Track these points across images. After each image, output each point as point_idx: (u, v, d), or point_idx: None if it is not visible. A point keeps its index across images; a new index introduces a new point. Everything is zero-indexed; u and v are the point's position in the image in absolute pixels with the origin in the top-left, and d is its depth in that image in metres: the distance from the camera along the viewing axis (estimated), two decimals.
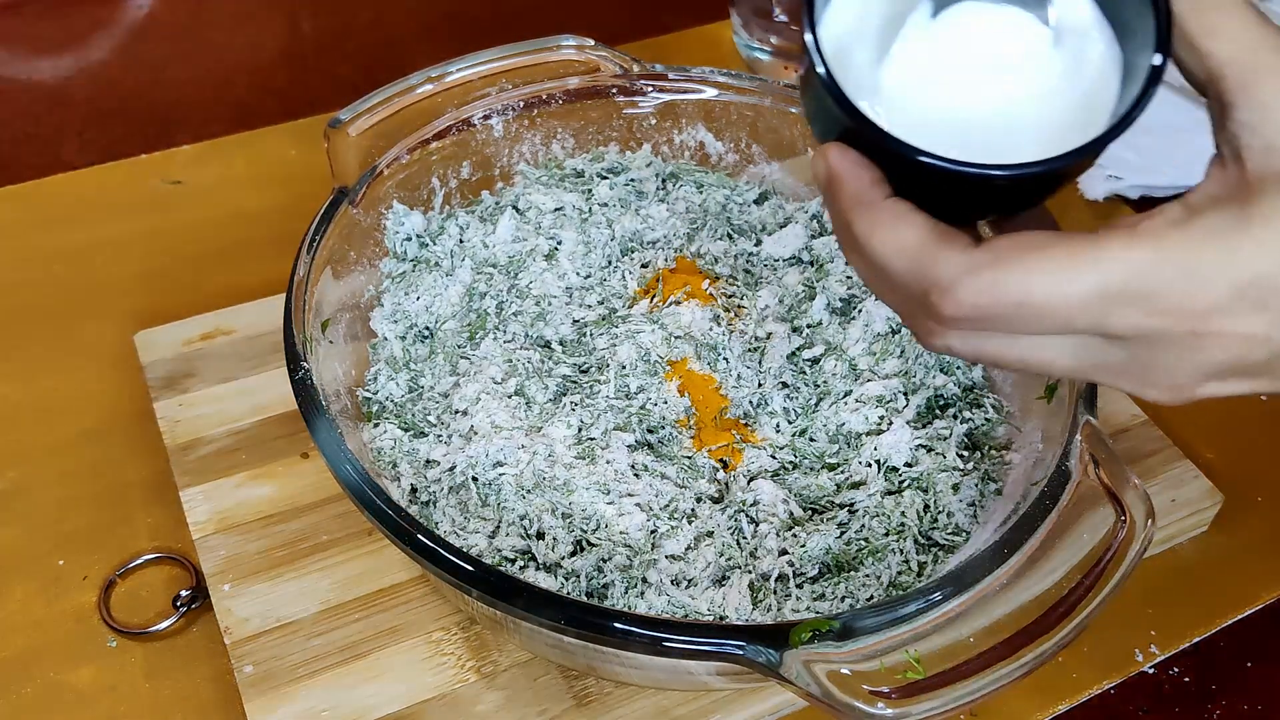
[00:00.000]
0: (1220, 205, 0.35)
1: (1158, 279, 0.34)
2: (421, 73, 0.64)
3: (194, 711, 0.55)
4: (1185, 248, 0.34)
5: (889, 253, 0.37)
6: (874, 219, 0.38)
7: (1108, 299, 0.34)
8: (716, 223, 0.68)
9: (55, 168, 0.84)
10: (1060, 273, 0.34)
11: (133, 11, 1.01)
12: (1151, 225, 0.35)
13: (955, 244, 0.36)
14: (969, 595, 0.44)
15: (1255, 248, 0.34)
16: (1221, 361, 0.36)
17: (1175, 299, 0.34)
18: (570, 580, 0.51)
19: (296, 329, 0.53)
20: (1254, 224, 0.34)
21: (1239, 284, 0.34)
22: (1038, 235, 0.35)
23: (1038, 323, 0.35)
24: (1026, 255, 0.35)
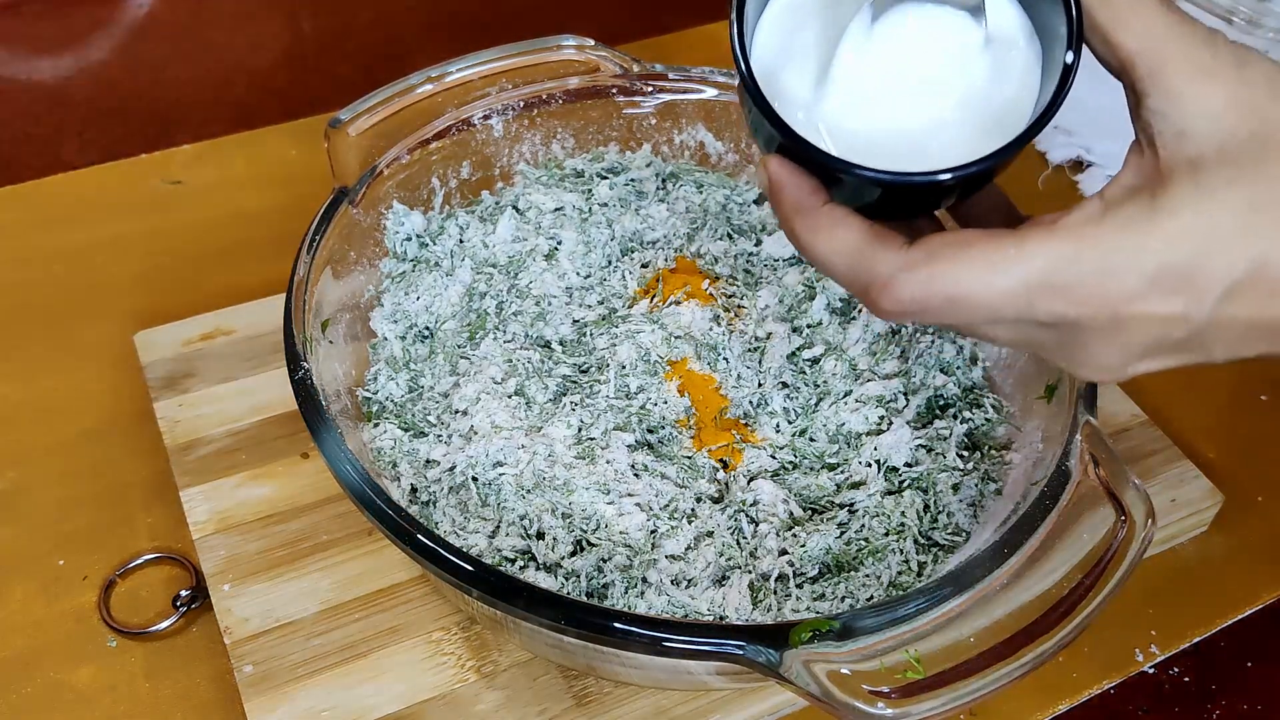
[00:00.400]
0: (1134, 197, 0.37)
1: (1076, 271, 0.37)
2: (421, 73, 0.64)
3: (194, 711, 0.55)
4: (1099, 242, 0.37)
5: (829, 254, 0.41)
6: (814, 225, 0.41)
7: (1031, 291, 0.37)
8: (716, 223, 0.68)
9: (55, 168, 0.84)
10: (986, 268, 0.37)
11: (133, 11, 1.01)
12: (1070, 221, 0.37)
13: (890, 244, 0.39)
14: (969, 595, 0.44)
15: (1164, 240, 0.36)
16: (1145, 342, 0.38)
17: (1093, 289, 0.37)
18: (570, 580, 0.51)
19: (296, 329, 0.53)
20: (1162, 217, 0.36)
21: (1150, 273, 0.36)
22: (967, 233, 0.38)
23: (969, 313, 0.38)
24: (956, 253, 0.38)
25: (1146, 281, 0.36)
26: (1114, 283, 0.37)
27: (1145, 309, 0.37)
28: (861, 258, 0.40)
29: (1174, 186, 0.36)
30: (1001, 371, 0.61)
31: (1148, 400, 0.68)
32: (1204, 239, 0.36)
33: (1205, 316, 0.37)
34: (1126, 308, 0.37)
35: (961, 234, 0.38)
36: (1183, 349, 0.38)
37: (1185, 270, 0.36)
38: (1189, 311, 0.37)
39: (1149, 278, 0.36)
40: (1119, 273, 0.36)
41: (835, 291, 0.63)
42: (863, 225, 0.40)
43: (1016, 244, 0.37)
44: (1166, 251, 0.36)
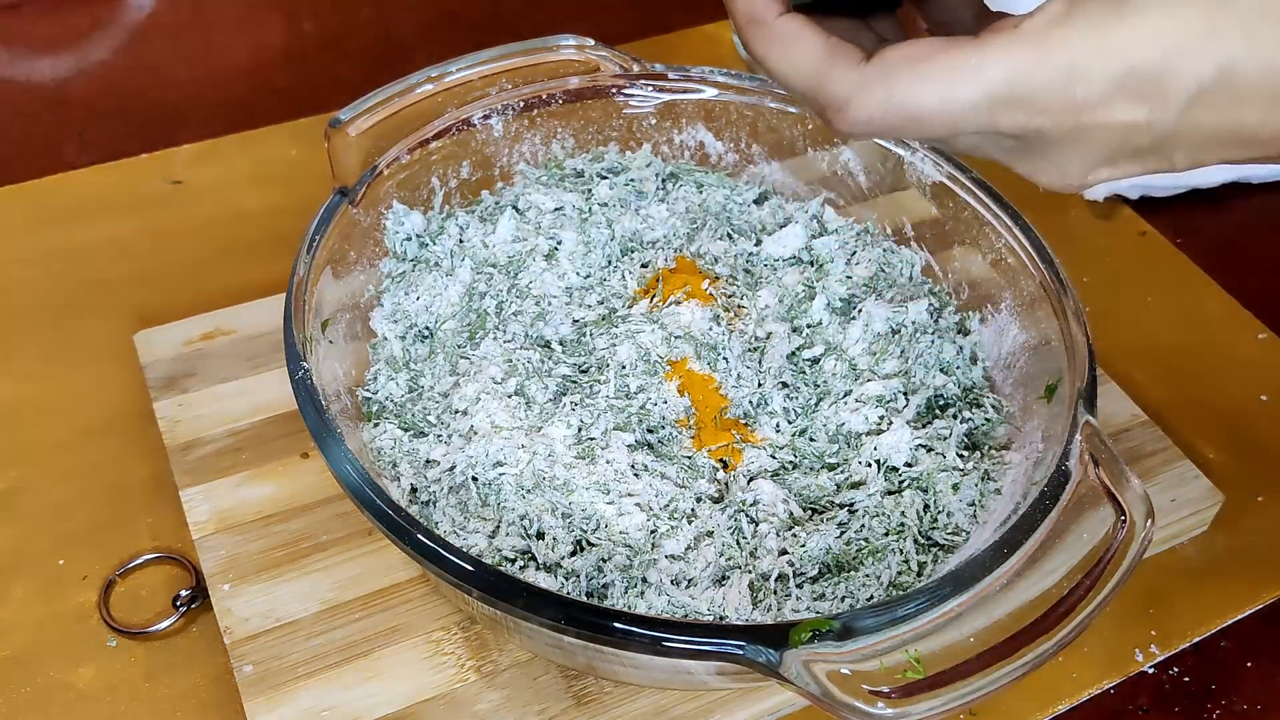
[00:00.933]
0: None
1: (1038, 80, 0.35)
2: (421, 73, 0.64)
3: (194, 711, 0.55)
4: (1063, 45, 0.35)
5: (785, 71, 0.39)
6: (767, 38, 0.39)
7: (993, 104, 0.36)
8: (716, 223, 0.68)
9: (55, 168, 0.84)
10: (945, 83, 0.36)
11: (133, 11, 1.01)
12: (1033, 24, 0.36)
13: (846, 61, 0.38)
14: (969, 595, 0.44)
15: (1130, 39, 0.35)
16: (1107, 150, 0.37)
17: (1056, 97, 0.36)
18: (570, 580, 0.51)
19: (296, 329, 0.53)
20: (1130, 15, 0.35)
21: (1116, 76, 0.35)
22: (924, 44, 0.37)
23: (929, 129, 0.37)
24: (913, 67, 0.37)
25: (1112, 86, 0.35)
26: (1078, 87, 0.35)
27: (1109, 116, 0.36)
28: (817, 76, 0.39)
29: None
30: (1001, 371, 0.61)
31: (1148, 400, 0.68)
32: (1172, 41, 0.35)
33: (1170, 124, 0.36)
34: (1090, 115, 0.36)
35: (918, 45, 0.37)
36: (1145, 155, 0.37)
37: (1152, 74, 0.35)
38: (1154, 119, 0.36)
39: (1115, 82, 0.35)
40: (1083, 76, 0.35)
41: (835, 291, 0.64)
42: (818, 41, 0.39)
43: (976, 53, 0.36)
44: (1133, 54, 0.35)
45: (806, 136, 0.69)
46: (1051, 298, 0.57)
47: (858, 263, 0.66)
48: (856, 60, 0.38)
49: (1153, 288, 0.77)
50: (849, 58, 0.38)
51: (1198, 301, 0.76)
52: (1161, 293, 0.76)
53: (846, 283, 0.64)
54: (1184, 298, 0.76)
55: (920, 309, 0.62)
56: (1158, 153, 0.37)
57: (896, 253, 0.67)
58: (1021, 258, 0.59)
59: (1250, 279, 0.78)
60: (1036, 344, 0.58)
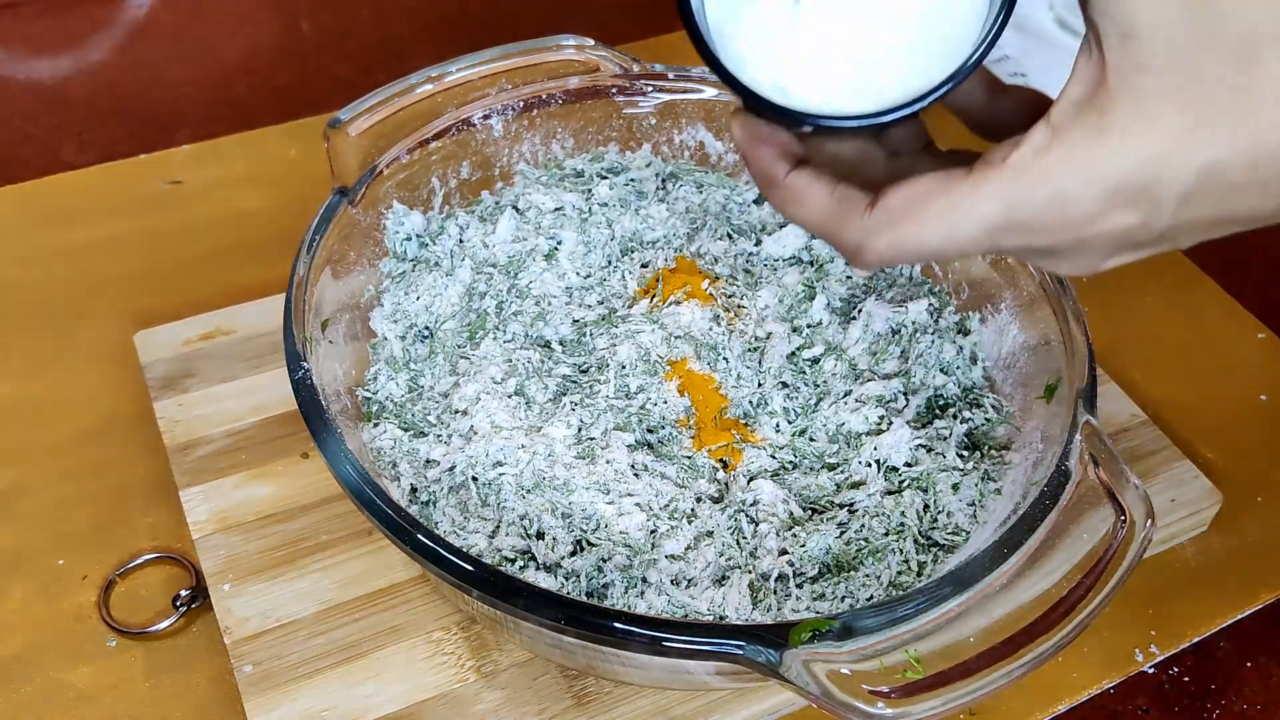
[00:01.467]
0: (1081, 116, 0.37)
1: (1031, 208, 0.38)
2: (421, 73, 0.64)
3: (194, 711, 0.55)
4: (1050, 174, 0.37)
5: (802, 221, 0.43)
6: (782, 197, 0.43)
7: (992, 233, 0.38)
8: (716, 223, 0.68)
9: (55, 168, 0.84)
10: (946, 221, 0.39)
11: (132, 12, 1.01)
12: (1019, 157, 0.38)
13: (853, 210, 0.41)
14: (969, 595, 0.44)
15: (1114, 160, 0.36)
16: (1113, 248, 0.39)
17: (1052, 220, 0.38)
18: (570, 580, 0.51)
19: (296, 329, 0.53)
20: (1110, 135, 0.36)
21: (1105, 193, 0.37)
22: (922, 186, 0.39)
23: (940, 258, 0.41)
24: (915, 211, 0.39)
25: (1103, 202, 0.37)
26: (1070, 210, 0.37)
27: (1106, 226, 0.38)
28: (829, 227, 0.42)
29: (1120, 100, 0.36)
30: (1001, 371, 0.61)
31: (1147, 400, 0.68)
32: (1153, 153, 0.36)
33: (1166, 222, 0.37)
34: (1088, 228, 0.38)
35: (917, 185, 0.39)
36: (1150, 246, 0.39)
37: (1139, 185, 0.36)
38: (1149, 221, 0.37)
39: (1104, 198, 0.37)
40: (1073, 199, 0.37)
41: (835, 291, 0.64)
42: (825, 194, 0.42)
43: (971, 192, 0.38)
44: (1117, 171, 0.36)
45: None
46: (1051, 298, 0.57)
47: None
48: (862, 208, 0.41)
49: (1152, 287, 0.77)
50: (855, 207, 0.41)
51: (1197, 301, 0.76)
52: (1161, 292, 0.76)
53: (846, 283, 0.64)
54: (1184, 298, 0.76)
55: (920, 309, 0.62)
56: (1161, 243, 0.39)
57: None
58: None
59: (1250, 279, 0.78)
60: (1036, 344, 0.58)
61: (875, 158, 0.45)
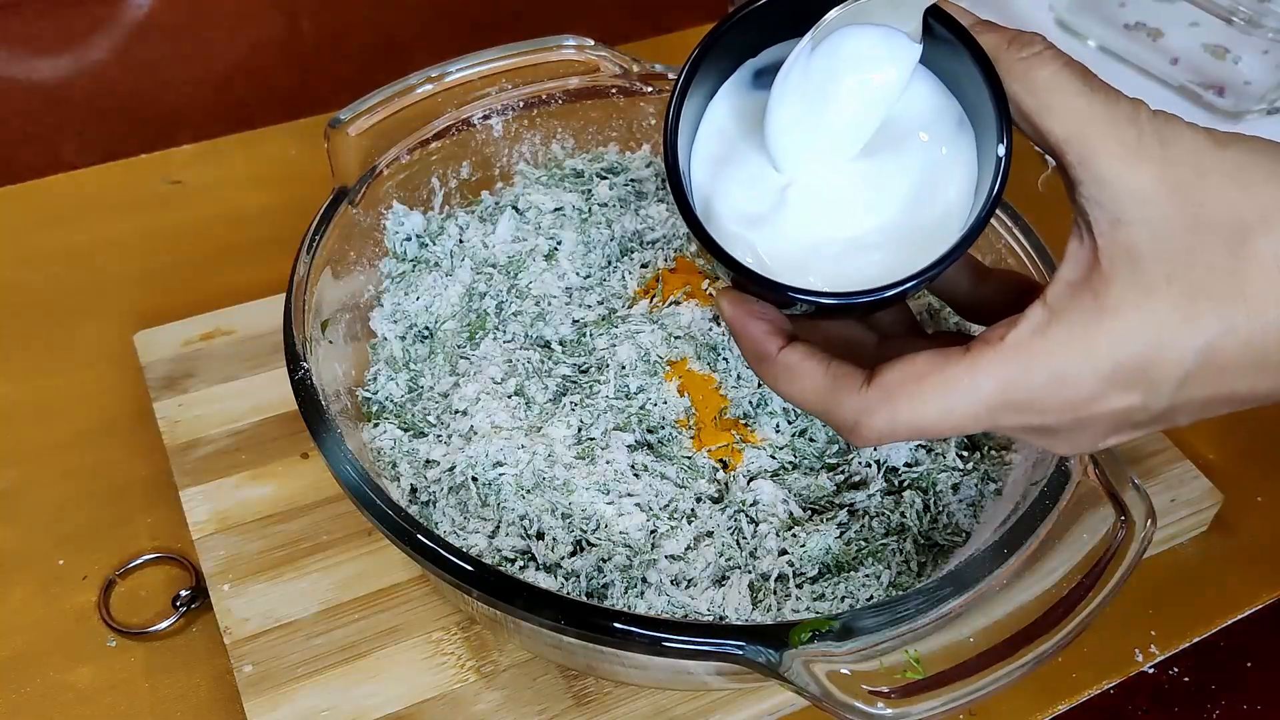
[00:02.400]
0: (1077, 299, 0.37)
1: (1029, 388, 0.38)
2: (421, 73, 0.64)
3: (194, 711, 0.55)
4: (1048, 354, 0.37)
5: (795, 398, 0.42)
6: (775, 373, 0.42)
7: (991, 411, 0.38)
8: None
9: (55, 168, 0.84)
10: (942, 400, 0.38)
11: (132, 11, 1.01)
12: (1017, 336, 0.38)
13: (848, 388, 0.40)
14: (969, 595, 0.44)
15: (1111, 341, 0.36)
16: (1111, 428, 0.39)
17: (1050, 400, 0.38)
18: (570, 580, 0.51)
19: (296, 329, 0.53)
20: (1106, 317, 0.36)
21: (1103, 375, 0.37)
22: (919, 364, 0.39)
23: (936, 436, 0.40)
24: (911, 389, 0.39)
25: (1101, 383, 0.37)
26: (1069, 390, 0.37)
27: (1105, 408, 0.38)
28: (825, 402, 0.41)
29: (1115, 283, 0.37)
30: None
31: None
32: (1151, 337, 0.36)
33: (1165, 403, 0.38)
34: (1087, 409, 0.38)
35: (914, 363, 0.39)
36: (1148, 425, 0.39)
37: (1137, 367, 0.37)
38: (1148, 403, 0.37)
39: (1103, 380, 0.37)
40: (1072, 380, 0.37)
41: None
42: (820, 371, 0.41)
43: (968, 370, 0.38)
44: (1116, 353, 0.37)
45: None
46: None
47: None
48: (857, 385, 0.40)
49: None
50: (850, 384, 0.40)
51: None
52: None
53: None
54: None
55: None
56: (1160, 422, 0.39)
57: None
58: (1021, 258, 0.59)
59: None
60: None
61: (865, 340, 0.46)
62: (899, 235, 0.41)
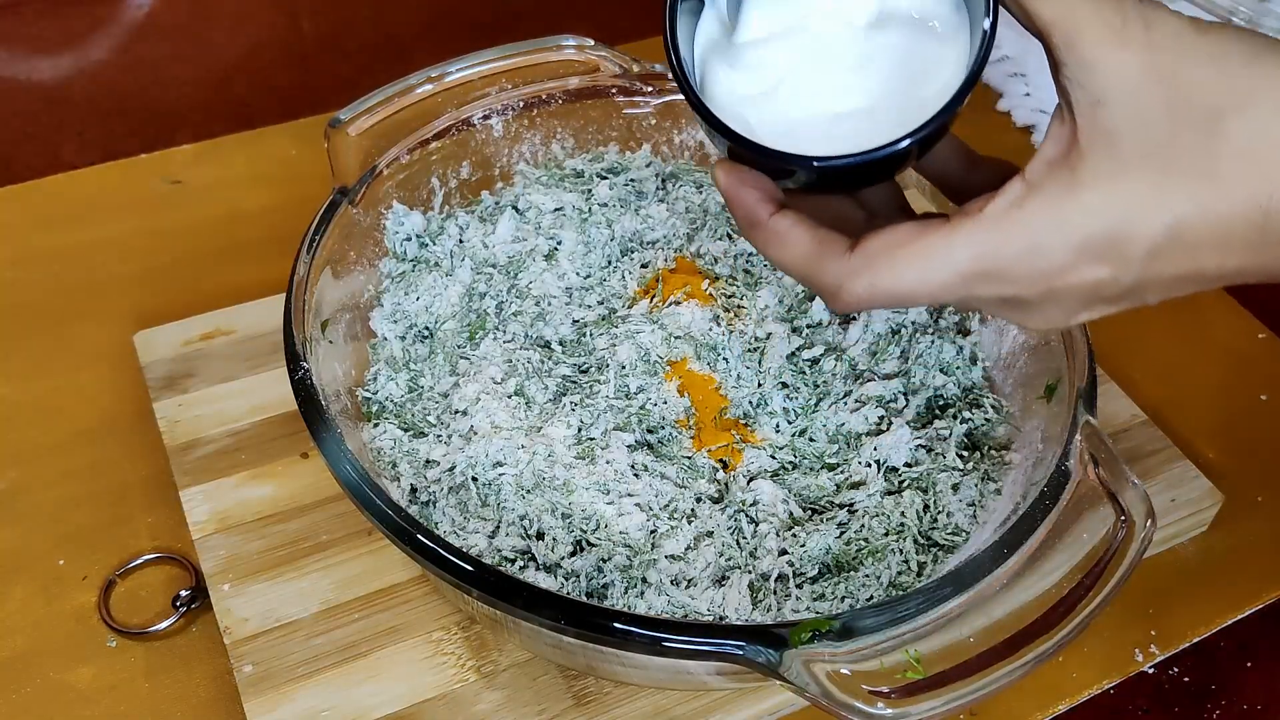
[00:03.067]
0: (1054, 173, 0.38)
1: (1004, 257, 0.39)
2: (421, 73, 0.64)
3: (194, 711, 0.55)
4: (1024, 224, 0.39)
5: (782, 263, 0.44)
6: (765, 238, 0.44)
7: (966, 280, 0.40)
8: (716, 223, 0.68)
9: (55, 168, 0.84)
10: (921, 266, 0.40)
11: (132, 11, 1.01)
12: (994, 207, 0.39)
13: (833, 253, 0.42)
14: (969, 595, 0.44)
15: (1084, 212, 0.38)
16: (1082, 302, 0.40)
17: (1024, 270, 0.39)
18: (570, 580, 0.51)
19: (296, 329, 0.53)
20: (1082, 190, 0.38)
21: (1075, 246, 0.38)
22: (901, 232, 0.40)
23: (914, 303, 0.41)
24: (891, 254, 0.40)
25: (1073, 254, 0.38)
26: (1042, 260, 0.39)
27: (1076, 279, 0.39)
28: (810, 268, 0.42)
29: (1091, 159, 0.38)
30: (1001, 371, 0.61)
31: (1148, 400, 0.68)
32: (1122, 209, 0.37)
33: (1134, 277, 0.39)
34: (1058, 280, 0.39)
35: (895, 232, 0.41)
36: (1119, 300, 0.40)
37: (1107, 239, 0.38)
38: (1117, 275, 0.39)
39: (1075, 250, 0.38)
40: (1045, 251, 0.38)
41: None
42: (808, 237, 0.42)
43: (946, 238, 0.40)
44: (1087, 224, 0.38)
45: None
46: None
47: None
48: (842, 250, 0.42)
49: None
50: (836, 249, 0.42)
51: (1197, 301, 0.76)
52: None
53: None
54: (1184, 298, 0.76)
55: (920, 309, 0.62)
56: (1129, 298, 0.40)
57: None
58: None
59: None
60: (1036, 344, 0.58)
61: (854, 218, 0.46)
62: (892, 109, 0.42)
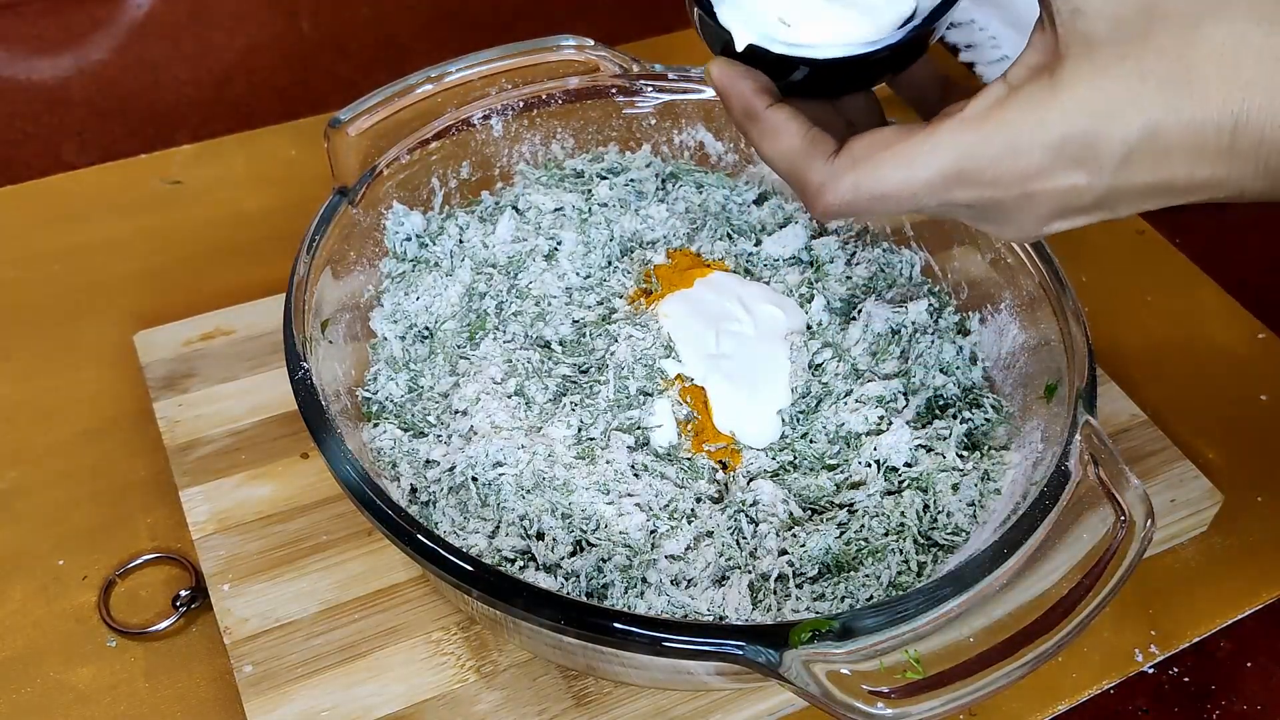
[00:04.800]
0: (1034, 77, 0.40)
1: (983, 157, 0.40)
2: (421, 73, 0.64)
3: (194, 711, 0.55)
4: (1004, 124, 0.40)
5: (774, 157, 0.45)
6: (760, 131, 0.45)
7: (947, 180, 0.41)
8: (716, 223, 0.68)
9: (55, 168, 0.84)
10: (904, 166, 0.41)
11: (132, 11, 1.01)
12: (974, 108, 0.40)
13: (822, 151, 0.43)
14: (969, 595, 0.44)
15: (1061, 114, 0.39)
16: (1055, 209, 0.41)
17: (1002, 170, 0.40)
18: (570, 580, 0.51)
19: (296, 329, 0.53)
20: (1061, 91, 0.39)
21: (1051, 146, 0.39)
22: (885, 134, 0.42)
23: (895, 206, 0.42)
24: (876, 154, 0.42)
25: (1050, 155, 0.39)
26: (1021, 161, 0.39)
27: (1052, 183, 0.40)
28: (799, 162, 0.44)
29: (1070, 63, 0.39)
30: (1001, 371, 0.61)
31: (1148, 400, 0.68)
32: (1099, 110, 0.38)
33: (1107, 183, 0.39)
34: (1035, 183, 0.40)
35: (880, 134, 0.42)
36: (1091, 210, 0.41)
37: (1084, 140, 0.39)
38: (1091, 181, 0.39)
39: (1052, 151, 0.39)
40: (1024, 150, 0.39)
41: (835, 292, 0.64)
42: (800, 132, 0.44)
43: (929, 138, 0.41)
44: (1065, 124, 0.39)
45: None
46: (1051, 297, 0.57)
47: (858, 263, 0.66)
48: (830, 151, 0.43)
49: (1151, 287, 0.77)
50: (823, 149, 0.43)
51: (1197, 301, 0.76)
52: (1160, 292, 0.76)
53: (846, 283, 0.64)
54: (1183, 297, 0.76)
55: (920, 309, 0.62)
56: (1101, 208, 0.41)
57: (896, 252, 0.67)
58: (1020, 257, 0.59)
59: (1249, 278, 0.78)
60: (1036, 344, 0.58)
61: (837, 126, 0.47)
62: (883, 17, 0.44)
